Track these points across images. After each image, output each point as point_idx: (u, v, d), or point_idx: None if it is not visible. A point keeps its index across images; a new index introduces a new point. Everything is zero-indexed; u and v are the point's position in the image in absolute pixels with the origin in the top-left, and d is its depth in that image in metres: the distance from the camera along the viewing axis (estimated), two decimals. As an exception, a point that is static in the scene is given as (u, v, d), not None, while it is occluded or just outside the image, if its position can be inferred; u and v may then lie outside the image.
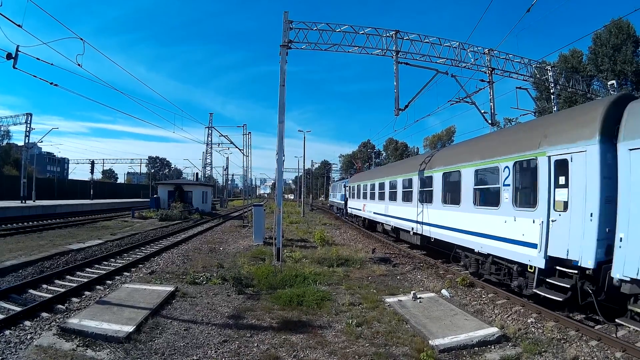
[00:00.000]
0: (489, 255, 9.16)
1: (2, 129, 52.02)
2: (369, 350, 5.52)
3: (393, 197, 16.76)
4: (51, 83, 13.24)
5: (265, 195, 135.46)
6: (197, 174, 57.87)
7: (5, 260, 10.49)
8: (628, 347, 5.50)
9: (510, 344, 5.87)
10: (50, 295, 7.74)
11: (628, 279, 5.61)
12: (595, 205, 6.17)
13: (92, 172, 49.01)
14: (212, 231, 21.79)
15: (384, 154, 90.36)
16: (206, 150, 58.46)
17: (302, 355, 5.34)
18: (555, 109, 20.35)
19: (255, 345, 5.65)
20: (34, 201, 32.40)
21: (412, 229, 14.08)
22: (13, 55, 11.53)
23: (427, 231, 12.69)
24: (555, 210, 7.00)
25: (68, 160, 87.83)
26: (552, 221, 7.04)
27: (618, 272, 5.72)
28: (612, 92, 20.40)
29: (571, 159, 6.69)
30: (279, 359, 5.23)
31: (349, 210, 29.72)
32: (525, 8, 10.82)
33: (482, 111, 15.87)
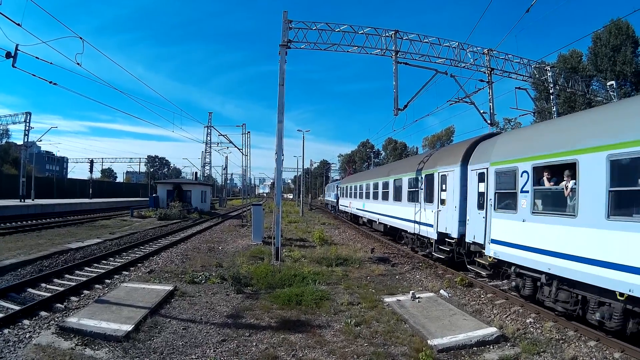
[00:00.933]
0: (415, 234, 13.75)
1: (1, 127, 51.87)
2: (368, 349, 5.53)
3: (367, 196, 21.67)
4: (50, 82, 13.24)
5: (264, 194, 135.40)
6: (196, 173, 57.87)
7: (4, 259, 10.48)
8: (627, 348, 5.51)
9: (508, 344, 5.88)
10: (49, 294, 7.74)
11: (472, 242, 9.74)
12: (457, 201, 10.52)
13: (91, 171, 48.85)
14: (211, 230, 21.78)
15: (383, 154, 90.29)
16: (205, 150, 58.39)
17: (300, 355, 5.35)
18: (554, 109, 20.39)
19: (254, 344, 5.65)
20: (33, 200, 32.34)
21: (377, 220, 19.33)
22: (12, 54, 11.54)
23: (385, 220, 17.89)
24: (441, 204, 11.57)
25: (67, 159, 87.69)
26: (439, 211, 11.62)
27: (469, 238, 9.90)
28: (611, 93, 20.45)
29: (447, 174, 11.30)
30: (278, 359, 5.23)
31: (340, 207, 33.93)
32: (525, 8, 10.88)
33: (482, 111, 15.87)
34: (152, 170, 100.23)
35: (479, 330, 6.14)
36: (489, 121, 16.00)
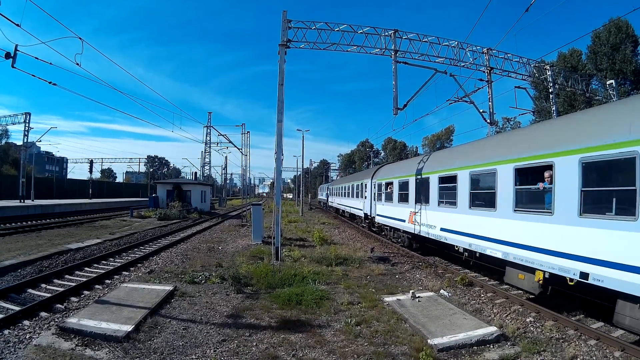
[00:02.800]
0: (359, 216, 24.32)
1: (0, 128, 51.85)
2: (368, 349, 5.53)
3: (345, 194, 30.14)
4: (50, 82, 13.23)
5: (264, 194, 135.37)
6: (195, 173, 57.85)
7: (4, 260, 10.47)
8: (627, 347, 5.51)
9: (509, 343, 5.88)
10: (49, 295, 7.74)
11: (375, 217, 19.15)
12: (370, 198, 20.31)
13: (90, 171, 48.80)
14: (211, 230, 21.78)
15: (383, 154, 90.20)
16: (205, 150, 58.37)
17: (301, 355, 5.35)
18: (554, 108, 20.39)
19: (254, 344, 5.65)
20: (32, 200, 32.31)
21: (349, 209, 28.89)
22: (12, 55, 11.53)
23: (355, 211, 25.82)
24: (365, 199, 21.87)
25: (67, 159, 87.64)
26: (364, 201, 22.06)
27: (372, 214, 20.04)
28: (611, 92, 20.44)
29: (365, 185, 21.88)
30: (278, 358, 5.23)
31: (329, 204, 44.90)
32: (524, 7, 10.86)
33: (481, 110, 15.88)
34: (151, 170, 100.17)
35: (479, 330, 6.14)
36: (488, 120, 16.01)
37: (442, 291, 8.96)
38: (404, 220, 14.47)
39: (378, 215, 18.62)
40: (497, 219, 8.59)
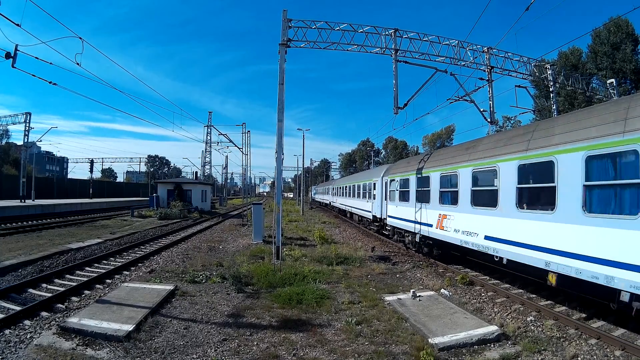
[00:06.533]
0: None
1: (1, 128, 51.84)
2: (369, 348, 5.53)
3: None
4: (50, 82, 13.23)
5: (265, 193, 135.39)
6: (196, 172, 57.84)
7: (4, 260, 10.48)
8: (627, 346, 5.51)
9: (509, 342, 5.88)
10: (50, 295, 7.74)
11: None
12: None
13: (91, 171, 48.93)
14: (212, 230, 21.79)
15: (383, 153, 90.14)
16: (205, 149, 58.45)
17: (301, 354, 5.35)
18: (554, 107, 20.36)
19: (255, 343, 5.65)
20: (33, 200, 32.34)
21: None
22: (12, 55, 11.53)
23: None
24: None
25: (67, 159, 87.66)
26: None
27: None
28: (611, 91, 20.41)
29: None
30: (279, 358, 5.23)
31: (317, 200, 58.15)
32: (525, 6, 10.83)
33: (482, 109, 15.85)
34: (152, 170, 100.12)
35: (480, 329, 6.14)
36: (488, 119, 15.98)
37: (442, 290, 8.96)
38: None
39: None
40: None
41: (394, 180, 15.89)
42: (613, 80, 20.94)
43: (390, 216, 16.40)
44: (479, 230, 9.21)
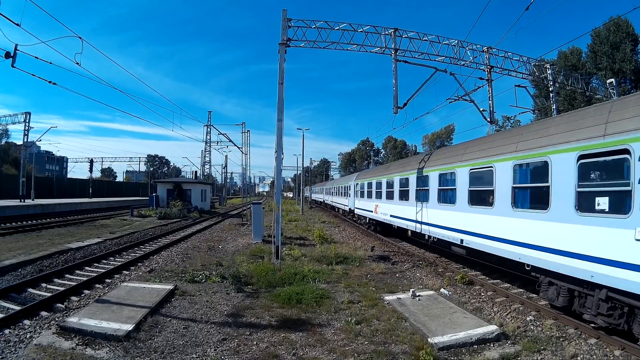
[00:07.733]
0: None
1: (0, 127, 51.81)
2: (368, 348, 5.53)
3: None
4: (50, 82, 13.21)
5: (264, 193, 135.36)
6: (196, 172, 57.83)
7: (4, 260, 10.48)
8: (627, 346, 5.52)
9: (509, 342, 5.88)
10: (49, 294, 7.74)
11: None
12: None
13: (90, 170, 48.85)
14: (211, 229, 21.79)
15: (383, 152, 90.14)
16: (205, 149, 58.42)
17: (301, 353, 5.35)
18: (554, 107, 20.36)
19: (255, 343, 5.65)
20: (32, 200, 32.33)
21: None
22: (12, 54, 11.53)
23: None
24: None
25: (67, 159, 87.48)
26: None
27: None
28: (611, 91, 20.42)
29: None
30: (279, 357, 5.23)
31: (313, 198, 65.33)
32: (524, 6, 10.85)
33: (481, 109, 15.85)
34: (152, 169, 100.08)
35: (480, 328, 6.14)
36: (488, 119, 15.99)
37: (442, 290, 8.96)
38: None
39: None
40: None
41: (358, 184, 23.84)
42: (613, 80, 20.93)
43: (357, 207, 24.24)
44: (379, 210, 18.08)
